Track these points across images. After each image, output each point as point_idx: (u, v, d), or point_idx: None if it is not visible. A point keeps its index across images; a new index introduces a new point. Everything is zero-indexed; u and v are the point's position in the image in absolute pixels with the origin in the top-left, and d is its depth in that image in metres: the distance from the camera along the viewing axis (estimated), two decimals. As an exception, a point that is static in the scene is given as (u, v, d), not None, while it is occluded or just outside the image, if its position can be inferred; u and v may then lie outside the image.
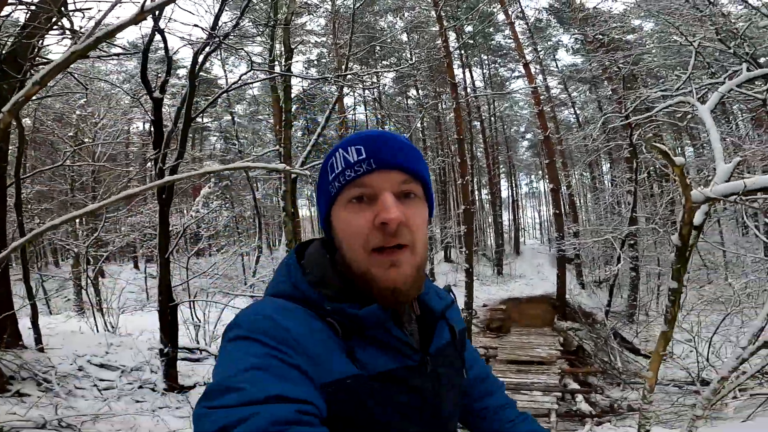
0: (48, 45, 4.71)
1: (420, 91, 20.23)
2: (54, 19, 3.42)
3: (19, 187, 4.82)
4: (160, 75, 7.84)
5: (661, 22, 8.69)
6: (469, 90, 18.75)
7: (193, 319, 7.46)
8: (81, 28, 2.97)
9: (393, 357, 0.65)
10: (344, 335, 0.61)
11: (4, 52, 3.79)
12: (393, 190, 0.63)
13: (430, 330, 0.72)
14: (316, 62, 20.53)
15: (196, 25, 4.77)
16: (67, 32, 3.30)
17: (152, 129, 4.64)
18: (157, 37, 4.50)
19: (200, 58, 5.07)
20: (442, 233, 20.27)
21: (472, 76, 20.38)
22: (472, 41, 17.60)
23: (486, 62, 21.18)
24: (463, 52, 17.30)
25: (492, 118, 21.35)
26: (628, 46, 11.66)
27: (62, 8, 3.25)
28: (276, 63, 7.78)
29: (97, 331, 6.56)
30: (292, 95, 8.22)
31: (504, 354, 10.54)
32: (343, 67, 8.42)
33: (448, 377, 0.73)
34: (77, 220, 8.35)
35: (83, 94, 7.85)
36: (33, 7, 3.64)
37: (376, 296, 0.64)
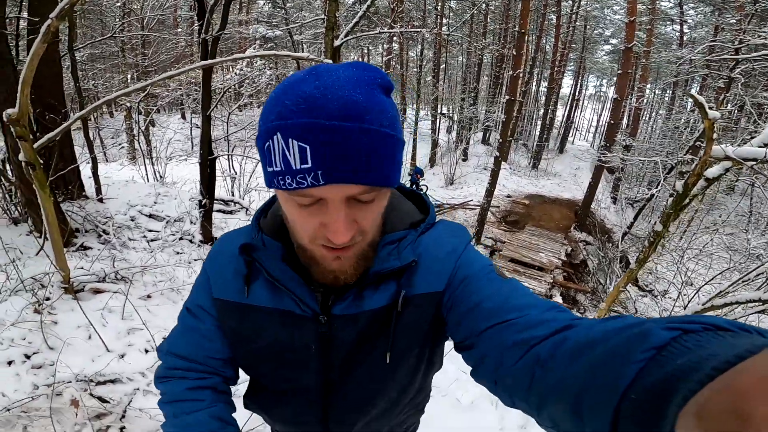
0: None
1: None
2: None
3: (73, 58, 5.04)
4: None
5: None
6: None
7: (230, 170, 7.68)
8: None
9: (283, 299, 0.65)
10: (248, 265, 0.66)
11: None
12: (347, 196, 0.51)
13: (348, 291, 0.63)
14: None
15: None
16: None
17: (196, 1, 4.56)
18: None
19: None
20: (485, 116, 19.46)
21: (561, -36, 16.82)
22: None
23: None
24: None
25: (573, 16, 18.22)
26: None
27: None
28: None
29: (148, 180, 7.21)
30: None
31: (509, 251, 10.71)
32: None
33: (355, 347, 0.67)
34: (129, 76, 8.70)
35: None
36: None
37: (315, 274, 0.62)
